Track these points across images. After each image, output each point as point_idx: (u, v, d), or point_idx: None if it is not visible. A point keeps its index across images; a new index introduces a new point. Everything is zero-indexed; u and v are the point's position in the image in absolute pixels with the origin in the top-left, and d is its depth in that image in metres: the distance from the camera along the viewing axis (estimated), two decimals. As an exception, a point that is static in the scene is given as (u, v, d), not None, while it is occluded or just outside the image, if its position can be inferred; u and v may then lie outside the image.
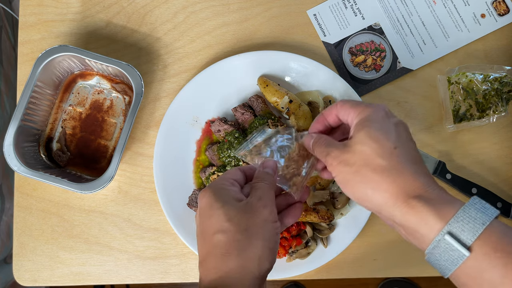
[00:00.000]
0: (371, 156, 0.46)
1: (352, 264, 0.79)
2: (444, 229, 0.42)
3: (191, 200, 0.76)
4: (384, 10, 0.84)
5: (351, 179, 0.48)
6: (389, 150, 0.47)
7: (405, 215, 0.45)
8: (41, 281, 0.79)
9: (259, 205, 0.48)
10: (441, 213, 0.43)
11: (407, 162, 0.47)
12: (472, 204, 0.43)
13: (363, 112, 0.49)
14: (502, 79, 0.77)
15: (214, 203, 0.48)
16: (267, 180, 0.51)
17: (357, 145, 0.48)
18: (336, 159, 0.49)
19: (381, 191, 0.46)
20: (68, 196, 0.80)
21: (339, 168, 0.48)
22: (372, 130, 0.48)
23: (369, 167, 0.46)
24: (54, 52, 0.73)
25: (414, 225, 0.44)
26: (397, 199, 0.45)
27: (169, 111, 0.78)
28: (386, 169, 0.46)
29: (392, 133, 0.48)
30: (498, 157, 0.82)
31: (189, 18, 0.84)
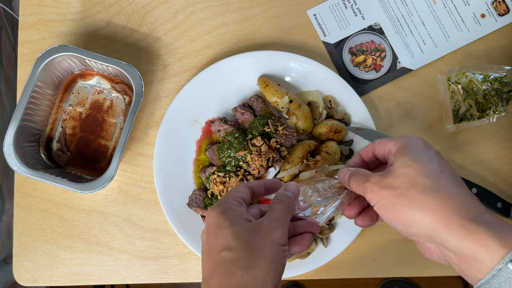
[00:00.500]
0: (417, 177, 0.44)
1: (352, 264, 0.79)
2: (507, 256, 0.39)
3: (191, 200, 0.76)
4: (384, 10, 0.84)
5: (396, 202, 0.45)
6: (435, 172, 0.45)
7: (461, 239, 0.41)
8: (41, 281, 0.79)
9: (270, 226, 0.46)
10: (503, 239, 0.40)
11: (455, 185, 0.45)
12: None
13: (401, 141, 0.49)
14: (502, 79, 0.77)
15: (223, 222, 0.46)
16: (286, 202, 0.50)
17: (401, 168, 0.46)
18: (377, 184, 0.47)
19: (431, 212, 0.42)
20: (68, 196, 0.80)
21: (381, 193, 0.46)
22: (415, 154, 0.46)
23: (416, 188, 0.44)
24: (54, 52, 0.73)
25: (472, 252, 0.41)
26: (451, 221, 0.42)
27: (169, 111, 0.78)
28: (435, 190, 0.43)
29: (434, 159, 0.47)
30: (498, 157, 0.82)
31: (189, 18, 0.84)
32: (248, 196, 0.51)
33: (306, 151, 0.75)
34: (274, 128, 0.76)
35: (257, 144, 0.74)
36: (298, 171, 0.75)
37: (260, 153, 0.74)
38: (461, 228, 0.41)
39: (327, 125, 0.76)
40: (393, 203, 0.45)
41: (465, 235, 0.41)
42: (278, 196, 0.51)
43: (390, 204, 0.45)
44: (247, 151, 0.74)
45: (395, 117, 0.82)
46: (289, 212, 0.49)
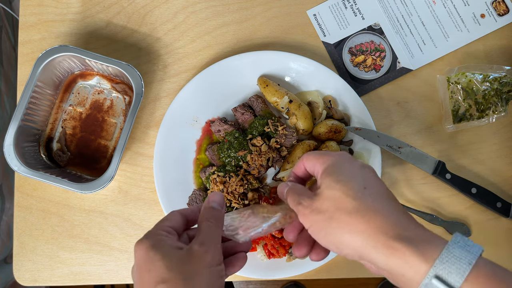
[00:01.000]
0: (342, 198, 0.45)
1: (352, 264, 0.79)
2: (430, 272, 0.40)
3: (191, 200, 0.76)
4: (384, 10, 0.84)
5: (326, 226, 0.45)
6: (359, 190, 0.45)
7: (388, 258, 0.42)
8: (41, 281, 0.79)
9: (201, 250, 0.45)
10: (425, 253, 0.41)
11: (380, 200, 0.45)
12: (455, 242, 0.41)
13: (326, 161, 0.49)
14: (502, 79, 0.77)
15: (153, 256, 0.44)
16: (213, 218, 0.48)
17: (326, 191, 0.46)
18: (307, 208, 0.47)
19: (358, 233, 0.43)
20: (68, 196, 0.80)
21: (311, 218, 0.46)
22: (338, 174, 0.47)
23: (342, 211, 0.44)
24: (54, 52, 0.73)
25: (399, 269, 0.42)
26: (377, 241, 0.42)
27: (169, 111, 0.78)
28: (360, 209, 0.44)
29: (358, 175, 0.47)
30: (498, 157, 0.82)
31: (189, 18, 0.84)
32: (179, 224, 0.49)
33: (306, 151, 0.75)
34: (274, 128, 0.76)
35: (257, 144, 0.74)
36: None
37: (260, 153, 0.74)
38: (386, 247, 0.42)
39: (327, 125, 0.76)
40: (324, 227, 0.45)
41: (391, 253, 0.42)
42: (204, 212, 0.49)
43: (321, 228, 0.46)
44: (247, 151, 0.74)
45: (395, 117, 0.82)
46: (217, 229, 0.48)
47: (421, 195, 0.80)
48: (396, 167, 0.81)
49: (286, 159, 0.76)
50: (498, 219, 0.80)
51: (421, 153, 0.77)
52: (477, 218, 0.80)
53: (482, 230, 0.80)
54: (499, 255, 0.79)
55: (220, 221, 0.49)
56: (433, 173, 0.78)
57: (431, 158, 0.78)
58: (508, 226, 0.80)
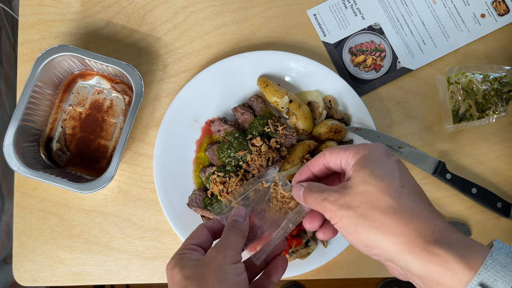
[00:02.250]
0: (378, 196, 0.42)
1: (352, 264, 0.79)
2: (474, 279, 0.37)
3: (191, 200, 0.76)
4: (384, 10, 0.84)
5: (358, 224, 0.42)
6: (397, 188, 0.42)
7: (426, 264, 0.39)
8: (41, 281, 0.79)
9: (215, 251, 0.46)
10: (468, 260, 0.38)
11: (418, 202, 0.42)
12: (498, 249, 0.39)
13: (360, 152, 0.45)
14: (502, 79, 0.77)
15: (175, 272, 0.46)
16: (235, 227, 0.50)
17: (360, 185, 0.43)
18: (335, 203, 0.43)
19: (394, 235, 0.40)
20: (68, 196, 0.80)
21: (340, 213, 0.43)
22: (375, 168, 0.43)
23: (377, 209, 0.41)
24: (54, 52, 0.73)
25: (438, 276, 0.39)
26: (414, 244, 0.40)
27: (169, 111, 0.78)
28: (398, 210, 0.41)
29: (396, 171, 0.44)
30: (498, 157, 0.82)
31: (189, 18, 0.84)
32: (205, 238, 0.50)
33: (306, 151, 0.75)
34: (274, 128, 0.75)
35: (257, 144, 0.74)
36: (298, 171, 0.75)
37: (260, 153, 0.74)
38: (426, 252, 0.39)
39: (327, 125, 0.76)
40: (355, 225, 0.42)
41: (430, 259, 0.39)
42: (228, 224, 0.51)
43: (351, 226, 0.43)
44: (247, 151, 0.74)
45: (395, 117, 0.82)
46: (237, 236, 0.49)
47: (421, 195, 0.80)
48: (396, 167, 0.81)
49: (286, 159, 0.76)
50: (498, 219, 0.80)
51: (421, 153, 0.77)
52: (477, 218, 0.80)
53: (482, 230, 0.80)
54: (499, 255, 0.79)
55: (242, 229, 0.50)
56: (433, 173, 0.78)
57: (431, 158, 0.78)
58: (508, 226, 0.80)
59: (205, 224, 0.52)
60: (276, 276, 0.51)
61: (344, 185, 0.45)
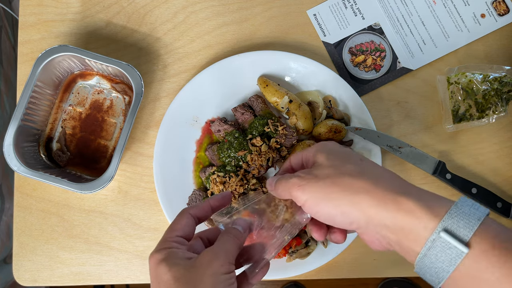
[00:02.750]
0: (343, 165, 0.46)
1: (352, 264, 0.79)
2: (439, 226, 0.40)
3: (191, 200, 0.76)
4: (384, 10, 0.84)
5: (330, 192, 0.44)
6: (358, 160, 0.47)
7: (396, 214, 0.42)
8: (41, 281, 0.79)
9: (211, 257, 0.44)
10: (434, 209, 0.41)
11: (378, 167, 0.47)
12: (463, 201, 0.42)
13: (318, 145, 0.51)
14: (502, 79, 0.77)
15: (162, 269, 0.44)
16: (233, 234, 0.48)
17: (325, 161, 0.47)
18: (304, 178, 0.46)
19: (366, 193, 0.43)
20: (68, 196, 0.80)
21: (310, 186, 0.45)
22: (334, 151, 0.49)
23: (345, 174, 0.45)
24: (54, 52, 0.73)
25: (407, 224, 0.41)
26: (385, 198, 0.43)
27: (169, 111, 0.78)
28: (364, 173, 0.45)
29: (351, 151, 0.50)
30: (498, 157, 0.82)
31: (189, 18, 0.84)
32: (189, 228, 0.49)
33: (306, 151, 0.75)
34: (274, 128, 0.76)
35: (257, 144, 0.74)
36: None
37: (260, 153, 0.74)
38: (395, 203, 0.42)
39: (327, 125, 0.76)
40: (327, 194, 0.44)
41: (399, 208, 0.42)
42: (227, 228, 0.50)
43: (323, 196, 0.44)
44: (247, 151, 0.74)
45: (395, 117, 0.82)
46: (234, 241, 0.47)
47: (421, 195, 0.80)
48: (396, 167, 0.81)
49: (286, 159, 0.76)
50: (498, 219, 0.80)
51: (421, 153, 0.77)
52: (477, 218, 0.80)
53: (482, 230, 0.80)
54: (499, 255, 0.79)
55: (240, 239, 0.49)
56: (433, 173, 0.78)
57: (431, 158, 0.78)
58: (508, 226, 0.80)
59: (190, 211, 0.49)
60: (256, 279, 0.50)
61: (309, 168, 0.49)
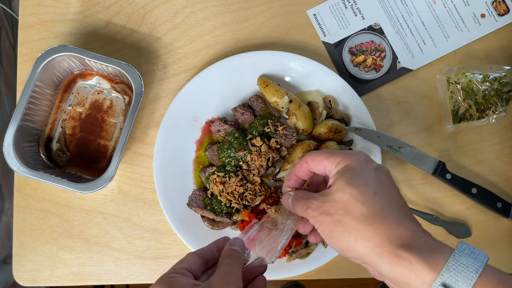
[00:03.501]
0: (351, 203, 0.45)
1: (352, 264, 0.79)
2: (437, 280, 0.39)
3: (191, 200, 0.76)
4: (384, 10, 0.84)
5: (333, 229, 0.46)
6: (369, 196, 0.45)
7: (393, 267, 0.42)
8: (41, 281, 0.79)
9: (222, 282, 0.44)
10: (432, 262, 0.40)
11: (389, 207, 0.45)
12: (461, 250, 0.41)
13: (343, 161, 0.48)
14: (502, 79, 0.77)
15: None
16: (234, 256, 0.48)
17: (336, 193, 0.46)
18: (316, 210, 0.47)
19: (364, 240, 0.43)
20: (68, 196, 0.80)
21: (320, 219, 0.47)
22: (350, 176, 0.47)
23: (350, 215, 0.45)
24: (54, 52, 0.73)
25: (404, 278, 0.41)
26: (383, 249, 0.42)
27: (169, 111, 0.78)
28: (368, 216, 0.44)
29: (371, 178, 0.47)
30: (498, 157, 0.82)
31: (189, 18, 0.84)
32: (196, 266, 0.48)
33: (306, 151, 0.75)
34: (274, 128, 0.75)
35: (257, 144, 0.74)
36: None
37: (260, 153, 0.74)
38: (392, 255, 0.42)
39: (327, 125, 0.76)
40: (331, 230, 0.46)
41: (397, 262, 0.41)
42: (225, 252, 0.49)
43: (328, 230, 0.46)
44: (247, 151, 0.74)
45: (395, 117, 0.82)
46: (239, 264, 0.47)
47: (421, 195, 0.80)
48: (396, 167, 0.81)
49: (286, 159, 0.76)
50: (498, 219, 0.80)
51: (421, 153, 0.77)
52: (477, 218, 0.80)
53: (482, 230, 0.80)
54: (499, 255, 0.79)
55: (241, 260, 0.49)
56: (433, 173, 0.78)
57: (431, 158, 0.78)
58: (508, 226, 0.80)
59: (196, 252, 0.50)
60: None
61: (323, 192, 0.48)
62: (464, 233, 0.79)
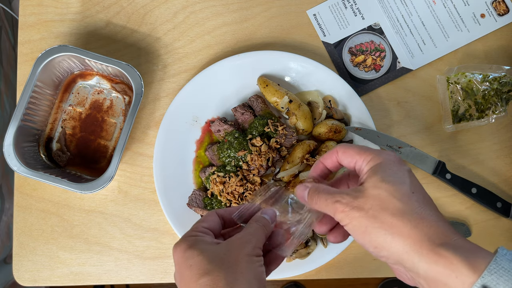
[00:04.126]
0: (389, 199, 0.43)
1: (352, 264, 0.79)
2: (477, 282, 0.38)
3: (191, 200, 0.76)
4: (384, 10, 0.84)
5: (368, 225, 0.43)
6: (407, 193, 0.44)
7: (432, 265, 0.40)
8: (41, 281, 0.79)
9: (242, 240, 0.46)
10: (472, 263, 0.39)
11: (426, 207, 0.44)
12: (502, 255, 0.40)
13: (375, 159, 0.47)
14: (501, 79, 0.77)
15: (191, 253, 0.45)
16: (262, 223, 0.49)
17: (372, 189, 0.45)
18: (348, 205, 0.45)
19: (402, 237, 0.42)
20: (68, 196, 0.80)
21: (352, 214, 0.44)
22: (387, 175, 0.45)
23: (387, 211, 0.43)
24: (54, 52, 0.73)
25: (443, 278, 0.40)
26: (421, 246, 0.41)
27: (169, 111, 0.78)
28: (406, 212, 0.43)
29: (406, 178, 0.46)
30: (498, 157, 0.82)
31: (189, 18, 0.84)
32: (216, 225, 0.50)
33: (306, 151, 0.75)
34: (274, 128, 0.76)
35: (257, 144, 0.74)
36: (298, 171, 0.76)
37: (260, 153, 0.74)
38: (432, 253, 0.41)
39: (327, 125, 0.76)
40: (365, 226, 0.44)
41: (436, 260, 0.40)
42: (255, 217, 0.51)
43: (361, 226, 0.44)
44: (247, 151, 0.74)
45: (394, 117, 0.82)
46: (263, 229, 0.49)
47: (421, 195, 0.80)
48: (396, 167, 0.81)
49: (286, 159, 0.76)
50: (498, 219, 0.80)
51: (421, 153, 0.77)
52: (477, 218, 0.80)
53: (482, 230, 0.80)
54: (499, 255, 0.79)
55: (267, 228, 0.49)
56: (433, 173, 0.78)
57: (431, 158, 0.78)
58: (508, 226, 0.80)
59: (217, 211, 0.51)
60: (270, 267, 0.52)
61: (356, 189, 0.46)
62: (464, 233, 0.79)
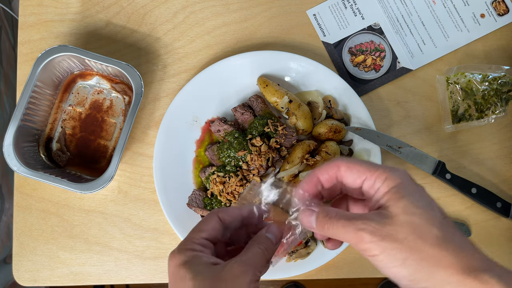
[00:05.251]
0: (425, 227, 0.40)
1: (352, 264, 0.79)
2: None
3: (190, 200, 0.76)
4: (383, 10, 0.84)
5: (406, 258, 0.40)
6: (440, 219, 0.41)
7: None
8: (41, 281, 0.79)
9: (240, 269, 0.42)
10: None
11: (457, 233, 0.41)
12: None
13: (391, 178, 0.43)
14: (501, 79, 0.77)
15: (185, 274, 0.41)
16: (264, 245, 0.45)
17: (403, 216, 0.41)
18: (376, 234, 0.40)
19: (445, 267, 0.39)
20: (68, 196, 0.80)
21: (384, 245, 0.40)
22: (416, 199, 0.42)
23: (425, 240, 0.40)
24: (53, 52, 0.73)
25: None
26: (465, 275, 0.39)
27: (168, 111, 0.78)
28: (445, 241, 0.40)
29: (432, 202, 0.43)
30: (498, 157, 0.82)
31: (189, 18, 0.84)
32: (217, 233, 0.46)
33: (305, 151, 0.75)
34: (274, 128, 0.76)
35: (257, 144, 0.74)
36: (298, 171, 0.76)
37: (260, 153, 0.74)
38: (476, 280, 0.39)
39: (326, 125, 0.76)
40: (403, 258, 0.40)
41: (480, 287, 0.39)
42: (258, 237, 0.46)
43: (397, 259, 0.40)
44: (247, 151, 0.74)
45: (394, 117, 0.82)
46: (265, 255, 0.44)
47: (421, 195, 0.80)
48: (396, 167, 0.81)
49: (286, 159, 0.76)
50: (498, 219, 0.80)
51: (421, 153, 0.77)
52: (477, 218, 0.80)
53: (482, 230, 0.80)
54: (499, 255, 0.80)
55: (270, 252, 0.46)
56: (433, 173, 0.78)
57: (431, 158, 0.78)
58: (508, 226, 0.80)
59: (219, 214, 0.46)
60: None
61: (380, 213, 0.42)
62: (464, 233, 0.79)
